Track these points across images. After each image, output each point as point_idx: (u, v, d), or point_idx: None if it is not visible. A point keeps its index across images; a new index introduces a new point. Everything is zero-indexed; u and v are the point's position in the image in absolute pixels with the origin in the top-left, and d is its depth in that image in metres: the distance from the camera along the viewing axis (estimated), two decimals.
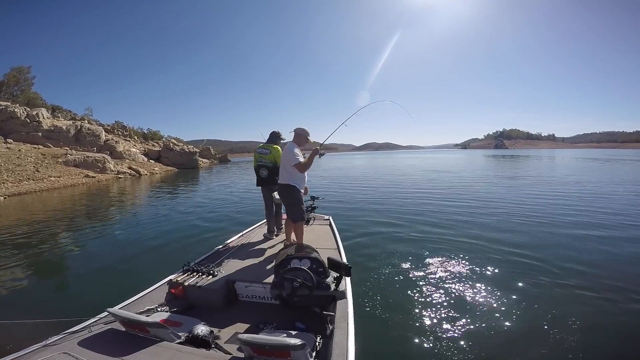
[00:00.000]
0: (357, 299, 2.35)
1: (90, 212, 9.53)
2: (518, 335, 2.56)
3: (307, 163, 2.97)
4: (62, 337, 1.73)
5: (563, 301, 3.11)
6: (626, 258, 4.20)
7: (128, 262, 4.71)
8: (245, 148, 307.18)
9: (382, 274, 3.75)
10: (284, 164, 3.07)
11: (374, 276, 3.69)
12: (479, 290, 3.30)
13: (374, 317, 2.84)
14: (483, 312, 2.88)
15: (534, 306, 2.98)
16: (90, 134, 28.47)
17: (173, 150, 34.48)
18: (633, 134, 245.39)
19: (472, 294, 3.21)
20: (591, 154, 49.93)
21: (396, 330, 2.63)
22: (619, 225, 5.84)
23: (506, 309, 2.94)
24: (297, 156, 2.95)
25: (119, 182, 19.70)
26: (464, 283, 3.45)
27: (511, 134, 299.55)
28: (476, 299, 3.12)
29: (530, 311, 2.90)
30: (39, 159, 20.20)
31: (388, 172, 20.23)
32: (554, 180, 13.62)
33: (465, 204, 8.19)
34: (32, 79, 36.94)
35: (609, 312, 2.91)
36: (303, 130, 3.14)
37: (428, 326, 2.67)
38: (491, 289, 3.31)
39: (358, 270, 3.50)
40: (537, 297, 3.16)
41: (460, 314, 2.83)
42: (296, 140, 3.15)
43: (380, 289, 3.36)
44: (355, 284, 2.50)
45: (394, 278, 3.63)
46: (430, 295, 3.20)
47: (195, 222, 7.30)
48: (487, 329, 2.63)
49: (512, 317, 2.80)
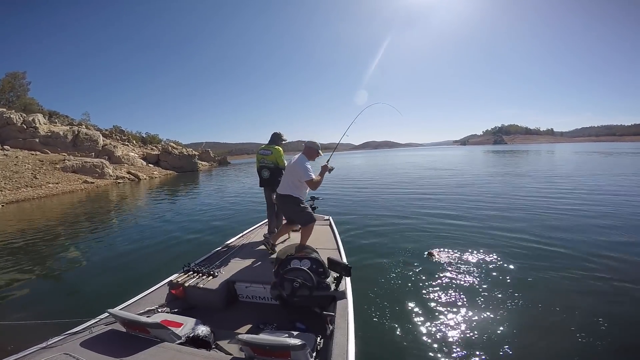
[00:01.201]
0: (357, 299, 2.34)
1: (90, 216, 9.52)
2: (519, 336, 2.52)
3: (320, 181, 2.87)
4: (62, 338, 1.74)
5: (571, 297, 3.07)
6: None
7: (128, 263, 4.71)
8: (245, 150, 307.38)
9: (383, 274, 3.74)
10: (292, 176, 2.92)
11: (374, 276, 3.67)
12: (480, 290, 3.27)
13: (374, 317, 2.83)
14: (484, 311, 2.86)
15: (535, 306, 2.93)
16: (87, 139, 28.37)
17: (172, 154, 34.43)
18: (631, 127, 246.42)
19: (472, 294, 3.18)
20: (591, 148, 50.02)
21: (396, 330, 2.63)
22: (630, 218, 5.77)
23: (508, 308, 2.90)
24: (310, 172, 2.82)
25: (118, 187, 19.65)
26: (465, 283, 3.42)
27: (510, 130, 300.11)
28: (477, 299, 3.09)
29: (533, 311, 2.86)
30: (36, 166, 20.14)
31: (387, 172, 20.12)
32: (561, 175, 13.49)
33: (468, 201, 8.12)
34: (27, 84, 36.88)
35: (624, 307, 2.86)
36: (314, 143, 2.99)
37: (428, 326, 2.66)
38: (492, 289, 3.28)
39: (358, 270, 3.47)
40: (537, 297, 3.10)
41: (461, 314, 2.82)
42: (307, 153, 2.99)
43: (380, 289, 3.35)
44: (355, 284, 2.48)
45: (395, 278, 3.62)
46: (430, 295, 3.19)
47: (196, 223, 7.31)
48: (488, 328, 2.61)
49: (513, 317, 2.76)
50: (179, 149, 36.42)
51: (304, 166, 2.85)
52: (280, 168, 3.80)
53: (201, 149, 48.12)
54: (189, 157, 35.32)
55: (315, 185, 2.85)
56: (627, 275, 3.48)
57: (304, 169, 2.83)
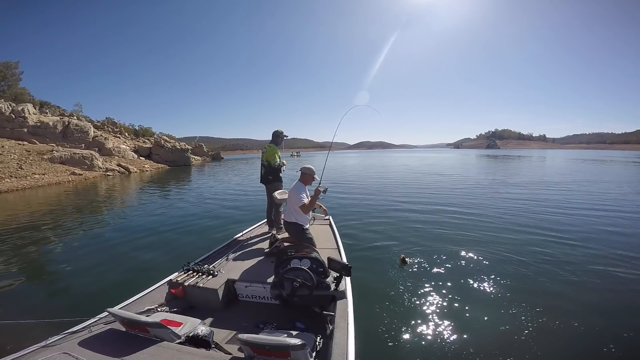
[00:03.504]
0: (357, 299, 2.35)
1: (86, 211, 9.29)
2: (520, 336, 2.56)
3: (310, 204, 3.09)
4: (62, 337, 1.72)
5: (569, 298, 3.15)
6: None
7: (128, 262, 4.64)
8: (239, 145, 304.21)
9: (383, 274, 3.76)
10: (292, 204, 3.18)
11: (374, 276, 3.69)
12: (480, 290, 3.31)
13: (374, 317, 2.85)
14: (484, 312, 2.89)
15: (538, 306, 2.98)
16: (78, 130, 27.71)
17: (164, 147, 33.90)
18: (621, 135, 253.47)
19: (473, 294, 3.22)
20: (582, 155, 51.16)
21: (396, 330, 2.64)
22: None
23: (508, 308, 2.95)
24: (302, 199, 3.10)
25: (107, 180, 19.22)
26: (465, 283, 3.47)
27: (503, 134, 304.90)
28: (477, 299, 3.13)
29: (533, 311, 2.90)
30: (23, 156, 19.57)
31: (387, 172, 20.15)
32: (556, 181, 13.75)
33: (466, 204, 8.20)
34: (19, 74, 35.99)
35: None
36: (309, 169, 3.23)
37: (429, 326, 2.69)
38: (492, 288, 3.33)
39: (358, 270, 3.49)
40: (539, 297, 3.17)
41: (461, 314, 2.85)
42: (303, 179, 3.24)
43: (380, 289, 3.37)
44: (355, 284, 2.49)
45: (395, 278, 3.65)
46: (431, 295, 3.22)
47: (195, 221, 7.22)
48: (488, 329, 2.64)
49: (514, 317, 2.81)
50: (172, 143, 35.89)
51: (299, 195, 3.13)
52: (273, 166, 3.84)
53: (194, 143, 47.52)
54: (182, 151, 34.84)
55: (306, 209, 3.08)
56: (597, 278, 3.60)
57: (298, 197, 3.11)
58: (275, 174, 3.96)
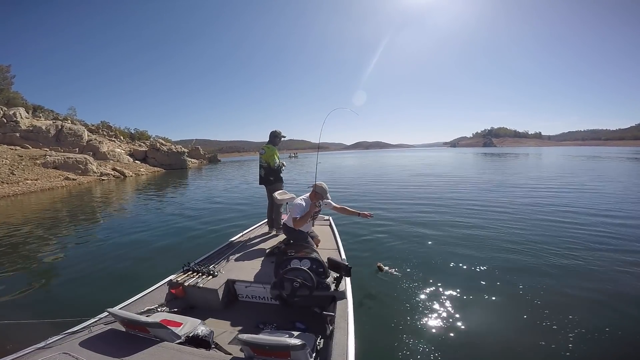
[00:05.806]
0: (357, 299, 2.36)
1: (83, 214, 9.22)
2: (520, 336, 2.55)
3: (300, 220, 3.04)
4: (62, 337, 1.72)
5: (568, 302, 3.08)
6: None
7: (128, 263, 4.62)
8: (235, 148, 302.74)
9: (383, 273, 3.75)
10: (292, 213, 3.23)
11: (374, 276, 3.69)
12: (480, 290, 3.29)
13: (374, 317, 2.84)
14: (484, 312, 2.89)
15: (539, 308, 2.95)
16: (71, 134, 27.37)
17: (160, 151, 33.66)
18: (616, 131, 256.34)
19: (473, 294, 3.20)
20: (579, 152, 51.44)
21: (396, 330, 2.63)
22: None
23: (509, 309, 2.93)
24: (296, 215, 3.08)
25: (102, 185, 18.97)
26: (466, 283, 3.45)
27: (499, 132, 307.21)
28: (477, 299, 3.12)
29: (535, 312, 2.88)
30: (15, 161, 19.28)
31: (386, 172, 20.00)
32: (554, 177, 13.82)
33: (466, 204, 8.08)
34: (11, 77, 35.60)
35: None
36: (322, 190, 3.17)
37: (429, 326, 2.68)
38: (492, 288, 3.31)
39: (358, 270, 3.48)
40: (540, 297, 3.14)
41: (461, 314, 2.84)
42: (312, 195, 3.19)
43: (380, 289, 3.37)
44: (355, 284, 2.49)
45: (395, 278, 3.64)
46: (431, 294, 3.21)
47: (195, 222, 7.19)
48: (488, 329, 2.63)
49: (514, 317, 2.80)
50: (168, 146, 35.63)
51: (297, 209, 3.11)
52: (272, 168, 3.84)
53: (191, 146, 47.25)
54: (178, 154, 34.62)
55: (297, 224, 3.05)
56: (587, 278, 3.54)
57: (295, 210, 3.12)
58: (276, 175, 3.96)
